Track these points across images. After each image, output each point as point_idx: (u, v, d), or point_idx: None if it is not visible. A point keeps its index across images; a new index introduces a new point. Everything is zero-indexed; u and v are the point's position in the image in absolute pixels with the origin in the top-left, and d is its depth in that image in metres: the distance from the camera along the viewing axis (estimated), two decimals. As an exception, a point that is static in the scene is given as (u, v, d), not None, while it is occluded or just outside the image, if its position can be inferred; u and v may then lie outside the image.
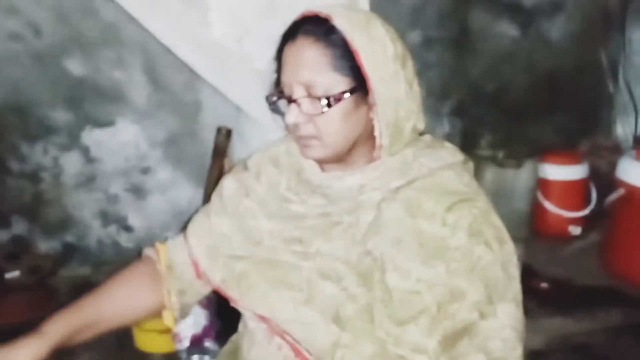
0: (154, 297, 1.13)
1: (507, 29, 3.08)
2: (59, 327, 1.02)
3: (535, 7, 3.08)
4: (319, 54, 0.92)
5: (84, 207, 2.72)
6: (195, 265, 1.13)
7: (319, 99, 0.92)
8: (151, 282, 1.13)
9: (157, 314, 1.15)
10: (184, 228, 1.20)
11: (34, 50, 2.51)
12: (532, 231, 3.00)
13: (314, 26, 0.93)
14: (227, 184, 1.14)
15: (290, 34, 0.95)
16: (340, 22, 0.92)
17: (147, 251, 1.19)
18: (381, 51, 0.93)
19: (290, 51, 0.94)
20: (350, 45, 0.91)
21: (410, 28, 2.87)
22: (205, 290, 1.16)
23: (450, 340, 0.88)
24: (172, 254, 1.15)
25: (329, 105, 0.92)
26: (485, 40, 3.05)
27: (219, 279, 1.09)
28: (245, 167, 1.14)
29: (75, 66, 2.57)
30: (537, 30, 3.12)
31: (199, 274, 1.13)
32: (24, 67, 2.51)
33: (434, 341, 0.87)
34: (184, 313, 1.15)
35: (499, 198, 0.99)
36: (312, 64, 0.92)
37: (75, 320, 1.05)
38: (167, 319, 1.14)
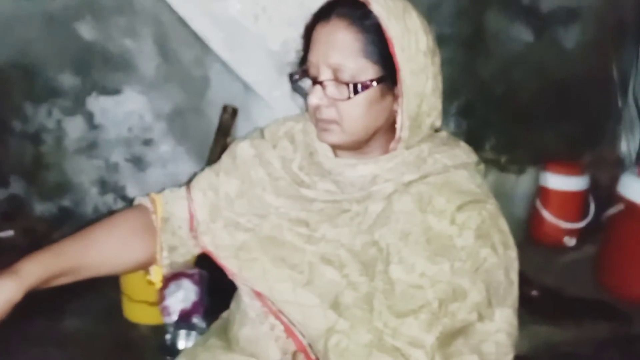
0: (143, 250, 1.07)
1: (521, 33, 3.06)
2: (37, 270, 0.94)
3: (551, 13, 3.05)
4: (351, 38, 0.91)
5: (83, 173, 2.70)
6: (192, 219, 1.09)
7: (346, 84, 0.91)
8: (143, 233, 1.07)
9: (142, 267, 1.09)
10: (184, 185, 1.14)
11: (45, 12, 2.48)
12: (527, 238, 2.99)
13: (349, 9, 0.91)
14: (243, 147, 1.11)
15: (324, 14, 0.93)
16: (377, 8, 0.90)
17: (141, 200, 1.12)
18: (414, 43, 0.92)
19: (322, 31, 0.93)
20: (385, 33, 0.90)
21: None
22: (196, 251, 1.11)
23: (447, 339, 0.88)
24: (170, 206, 1.10)
25: (355, 91, 0.91)
26: (498, 43, 3.02)
27: (208, 240, 1.06)
28: (262, 136, 1.11)
29: (86, 31, 2.54)
30: (551, 36, 3.10)
31: (192, 228, 1.08)
32: (34, 27, 2.48)
33: (432, 337, 0.87)
34: (170, 271, 1.09)
35: (498, 202, 0.99)
36: (343, 48, 0.91)
37: (55, 264, 0.96)
38: (155, 274, 1.08)
